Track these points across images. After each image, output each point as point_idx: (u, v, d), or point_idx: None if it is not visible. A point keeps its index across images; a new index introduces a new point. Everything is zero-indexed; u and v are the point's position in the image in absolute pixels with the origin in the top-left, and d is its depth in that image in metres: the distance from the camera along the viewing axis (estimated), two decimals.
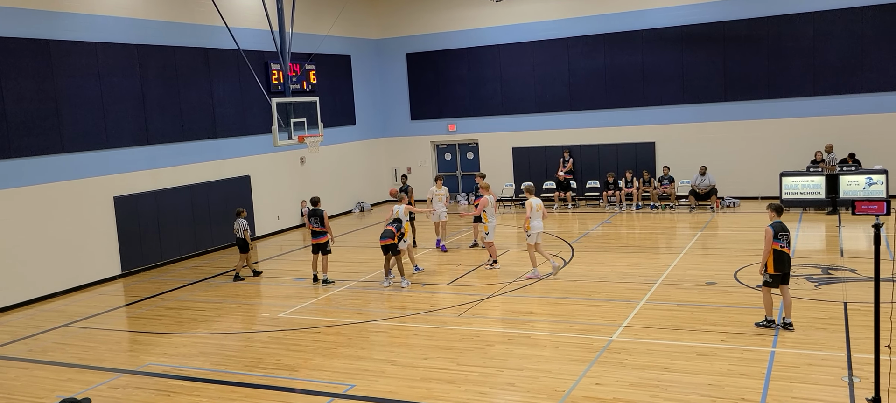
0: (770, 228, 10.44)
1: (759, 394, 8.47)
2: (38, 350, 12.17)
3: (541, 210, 14.75)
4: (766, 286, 10.60)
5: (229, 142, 20.77)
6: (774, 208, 10.74)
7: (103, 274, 17.12)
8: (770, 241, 10.38)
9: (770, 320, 10.70)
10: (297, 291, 15.13)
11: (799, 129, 22.17)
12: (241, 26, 20.37)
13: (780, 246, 10.39)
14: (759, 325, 10.73)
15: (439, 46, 26.65)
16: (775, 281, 10.50)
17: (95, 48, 16.96)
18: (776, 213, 10.67)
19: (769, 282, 10.54)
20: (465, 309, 12.84)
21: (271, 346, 11.53)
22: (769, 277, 10.50)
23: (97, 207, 17.03)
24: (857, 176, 20.02)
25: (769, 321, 10.71)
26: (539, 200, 14.99)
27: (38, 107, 15.75)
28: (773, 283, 10.53)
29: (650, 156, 24.01)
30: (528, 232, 14.72)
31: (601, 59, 24.32)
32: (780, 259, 10.42)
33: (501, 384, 9.35)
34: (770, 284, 10.55)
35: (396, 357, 10.55)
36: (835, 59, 21.60)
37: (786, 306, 10.66)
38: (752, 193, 22.87)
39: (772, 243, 10.37)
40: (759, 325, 10.74)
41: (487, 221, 15.72)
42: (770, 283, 10.54)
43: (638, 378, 9.18)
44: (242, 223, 16.37)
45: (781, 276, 10.49)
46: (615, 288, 13.58)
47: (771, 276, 10.48)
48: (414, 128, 27.67)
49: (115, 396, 9.84)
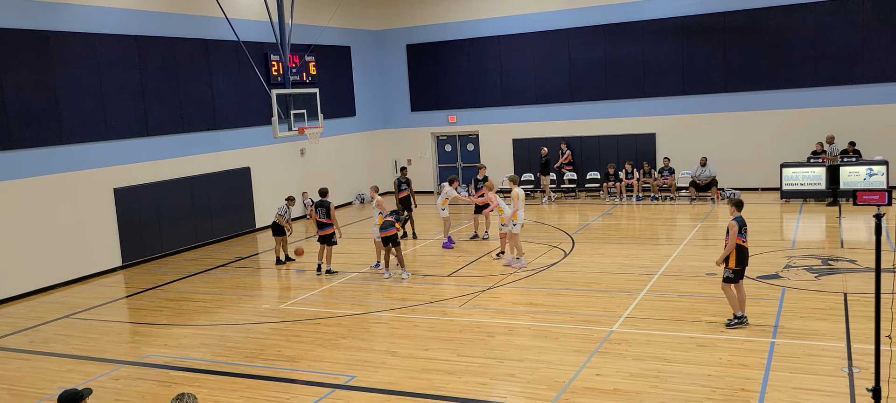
0: (735, 222, 10.20)
1: (759, 385, 8.49)
2: (39, 342, 12.19)
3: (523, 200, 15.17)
4: (728, 282, 10.32)
5: (229, 134, 20.74)
6: (735, 202, 10.52)
7: (104, 265, 17.13)
8: (735, 236, 10.12)
9: (740, 316, 10.40)
10: (297, 282, 15.14)
11: (799, 120, 22.13)
12: (241, 17, 20.30)
13: (743, 241, 10.22)
14: (731, 324, 10.38)
15: (439, 37, 26.58)
16: (737, 276, 10.28)
17: (94, 39, 16.92)
18: (737, 208, 10.46)
19: (731, 278, 10.27)
20: (465, 300, 12.86)
21: (272, 337, 11.55)
22: (731, 272, 10.25)
23: (97, 199, 17.02)
24: (858, 166, 20.01)
25: (738, 317, 10.38)
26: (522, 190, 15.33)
27: (38, 99, 15.72)
28: (734, 279, 10.28)
29: (650, 147, 23.98)
30: (515, 221, 14.97)
31: (602, 50, 24.26)
32: (742, 253, 10.23)
33: (502, 375, 9.37)
34: (732, 279, 10.28)
35: (397, 349, 10.56)
36: (835, 49, 21.55)
37: (741, 300, 10.43)
38: (752, 184, 22.85)
39: (736, 238, 10.13)
40: (730, 324, 10.38)
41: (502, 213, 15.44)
42: (732, 279, 10.28)
43: (638, 368, 9.20)
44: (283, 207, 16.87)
45: (742, 271, 10.30)
46: (615, 280, 13.60)
47: (733, 272, 10.24)
48: (414, 120, 27.63)
49: (117, 387, 9.86)
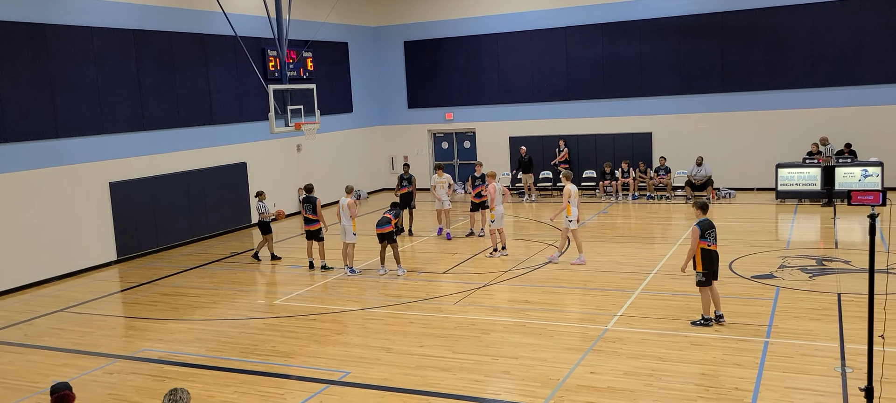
0: (697, 227, 10.27)
1: (753, 384, 8.51)
2: (33, 335, 12.17)
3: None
4: (700, 285, 10.42)
5: (226, 129, 20.71)
6: (699, 205, 10.59)
7: (99, 259, 17.10)
8: (697, 240, 10.22)
9: (707, 318, 10.47)
10: (293, 278, 15.14)
11: (795, 121, 22.17)
12: (239, 12, 20.28)
13: (708, 244, 10.26)
14: (696, 324, 10.48)
15: (437, 34, 26.57)
16: (707, 279, 10.34)
17: (91, 33, 16.88)
18: (702, 211, 10.53)
19: (702, 282, 10.36)
20: (461, 297, 12.87)
21: (267, 333, 11.55)
22: (702, 276, 10.33)
23: (93, 193, 16.99)
24: (853, 167, 20.06)
25: (706, 319, 10.48)
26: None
27: (33, 92, 15.68)
28: (706, 282, 10.35)
29: (647, 146, 24.00)
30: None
31: (599, 49, 24.27)
32: (708, 257, 10.29)
33: (497, 372, 9.38)
34: (703, 283, 10.37)
35: (392, 345, 10.57)
36: (832, 50, 21.58)
37: (715, 299, 10.55)
38: (748, 184, 22.89)
39: (698, 242, 10.21)
40: (696, 324, 10.49)
41: (494, 209, 15.69)
42: (703, 282, 10.36)
43: (632, 367, 9.22)
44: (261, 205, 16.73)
45: (711, 273, 10.36)
46: (610, 278, 13.61)
47: (703, 275, 10.32)
48: (411, 117, 27.62)
49: (110, 381, 9.85)
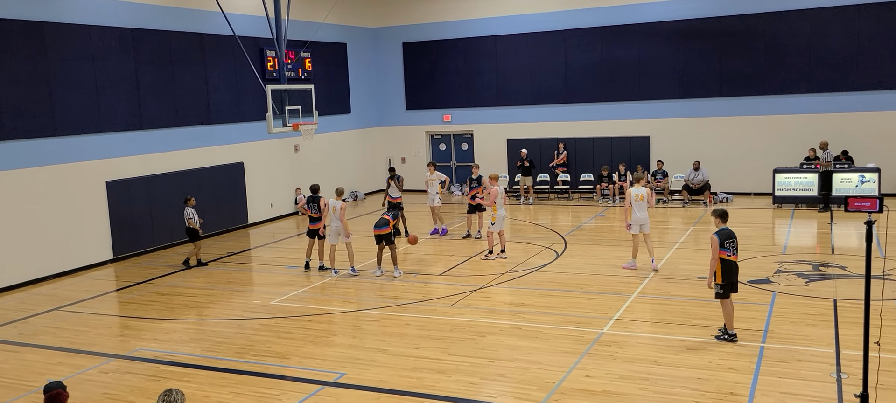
0: (715, 236, 9.88)
1: (748, 389, 8.52)
2: (28, 334, 12.14)
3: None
4: (719, 297, 10.01)
5: (223, 129, 20.68)
6: (719, 214, 10.20)
7: (95, 258, 17.06)
8: (716, 250, 9.84)
9: (731, 333, 10.07)
10: (289, 279, 15.11)
11: (793, 126, 22.20)
12: (237, 12, 20.26)
13: (727, 255, 9.87)
14: (720, 338, 10.10)
15: (436, 36, 26.57)
16: (726, 291, 9.94)
17: (89, 31, 16.85)
18: (721, 220, 10.14)
19: (720, 294, 9.97)
20: (457, 299, 12.86)
21: (262, 333, 11.53)
22: (719, 288, 9.93)
23: (89, 192, 16.95)
24: (850, 173, 20.09)
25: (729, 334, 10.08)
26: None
27: (31, 90, 15.64)
28: (724, 294, 9.95)
29: (644, 150, 24.01)
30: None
31: (597, 53, 24.29)
32: (727, 268, 9.90)
33: (492, 374, 9.37)
34: (721, 295, 9.97)
35: (388, 347, 10.55)
36: (830, 56, 21.61)
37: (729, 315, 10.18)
38: (745, 189, 22.91)
39: (718, 252, 9.84)
40: (719, 337, 10.11)
41: (495, 212, 15.65)
42: (721, 294, 9.96)
43: (628, 370, 9.21)
44: (189, 211, 16.32)
45: (730, 285, 9.97)
46: (607, 282, 13.62)
47: (721, 287, 9.92)
48: (409, 118, 27.61)
49: (105, 380, 9.82)
